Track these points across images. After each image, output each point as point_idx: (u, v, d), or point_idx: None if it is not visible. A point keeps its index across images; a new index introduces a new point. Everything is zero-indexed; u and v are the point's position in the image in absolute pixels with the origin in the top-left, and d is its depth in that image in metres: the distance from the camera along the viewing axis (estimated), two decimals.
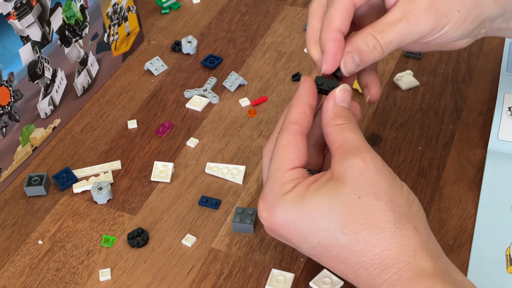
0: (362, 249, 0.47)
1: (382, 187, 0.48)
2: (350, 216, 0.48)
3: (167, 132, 0.73)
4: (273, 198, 0.50)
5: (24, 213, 0.66)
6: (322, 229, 0.48)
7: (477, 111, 0.72)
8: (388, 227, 0.47)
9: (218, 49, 0.84)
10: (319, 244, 0.49)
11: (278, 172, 0.51)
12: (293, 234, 0.50)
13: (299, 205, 0.49)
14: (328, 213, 0.48)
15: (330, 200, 0.48)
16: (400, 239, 0.47)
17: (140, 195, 0.66)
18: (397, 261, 0.47)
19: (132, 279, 0.59)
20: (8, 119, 0.66)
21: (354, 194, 0.48)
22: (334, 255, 0.49)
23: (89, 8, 0.74)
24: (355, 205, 0.48)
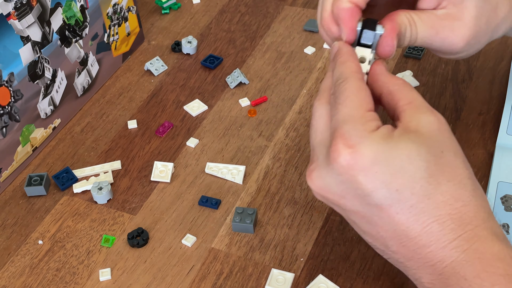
0: (443, 201, 0.46)
1: (457, 148, 0.48)
2: (436, 167, 0.47)
3: (167, 132, 0.73)
4: (359, 135, 0.46)
5: (24, 213, 0.66)
6: (407, 174, 0.46)
7: (477, 111, 0.72)
8: (469, 183, 0.47)
9: (218, 49, 0.84)
10: (398, 192, 0.46)
11: (359, 111, 0.48)
12: (372, 178, 0.46)
13: (389, 145, 0.46)
14: (417, 159, 0.46)
15: (418, 146, 0.46)
16: (478, 198, 0.47)
17: (140, 195, 0.67)
18: (474, 219, 0.46)
19: (132, 279, 0.59)
20: (8, 119, 0.66)
21: (438, 147, 0.47)
22: (409, 206, 0.46)
23: (89, 8, 0.74)
24: (439, 157, 0.47)
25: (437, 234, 0.46)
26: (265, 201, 0.65)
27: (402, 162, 0.46)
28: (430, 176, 0.46)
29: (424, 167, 0.46)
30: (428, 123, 0.48)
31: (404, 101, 0.49)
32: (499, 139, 0.66)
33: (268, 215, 0.63)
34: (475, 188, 0.48)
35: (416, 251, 0.47)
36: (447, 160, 0.47)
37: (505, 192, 0.62)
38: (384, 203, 0.47)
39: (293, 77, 0.79)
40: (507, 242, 0.47)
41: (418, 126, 0.48)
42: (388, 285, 0.57)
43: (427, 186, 0.46)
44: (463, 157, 0.48)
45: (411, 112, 0.49)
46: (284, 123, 0.73)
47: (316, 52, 0.82)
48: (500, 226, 0.50)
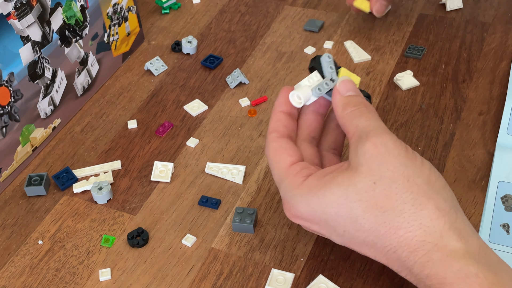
0: (386, 232, 0.48)
1: (396, 169, 0.48)
2: (368, 202, 0.48)
3: (167, 132, 0.73)
4: (290, 195, 0.51)
5: (24, 213, 0.66)
6: (343, 218, 0.49)
7: (477, 111, 0.72)
8: (406, 208, 0.47)
9: (218, 49, 0.84)
10: (346, 232, 0.50)
11: (281, 174, 0.52)
12: (321, 225, 0.51)
13: (317, 195, 0.49)
14: (346, 203, 0.48)
15: (345, 189, 0.48)
16: (422, 220, 0.47)
17: (140, 195, 0.67)
18: (423, 243, 0.46)
19: (132, 279, 0.59)
20: (8, 119, 0.66)
21: (369, 180, 0.48)
22: (362, 241, 0.49)
23: (89, 8, 0.74)
24: (371, 190, 0.48)
25: (398, 261, 0.48)
26: (265, 201, 0.64)
27: (335, 209, 0.49)
28: (365, 213, 0.48)
29: (356, 207, 0.48)
30: (362, 153, 0.49)
31: (350, 134, 0.52)
32: (499, 139, 0.66)
33: (268, 215, 0.63)
34: (417, 210, 0.47)
35: (399, 274, 0.49)
36: (379, 190, 0.48)
37: (505, 192, 0.62)
38: (344, 242, 0.51)
39: (293, 77, 0.79)
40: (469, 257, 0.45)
41: (355, 161, 0.49)
42: (388, 285, 0.57)
43: (365, 222, 0.48)
44: (402, 179, 0.47)
45: (352, 146, 0.50)
46: None
47: (316, 52, 0.82)
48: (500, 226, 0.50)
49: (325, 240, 0.60)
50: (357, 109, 0.52)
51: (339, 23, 0.86)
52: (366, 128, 0.50)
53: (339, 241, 0.51)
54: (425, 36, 0.83)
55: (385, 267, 0.57)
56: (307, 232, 0.61)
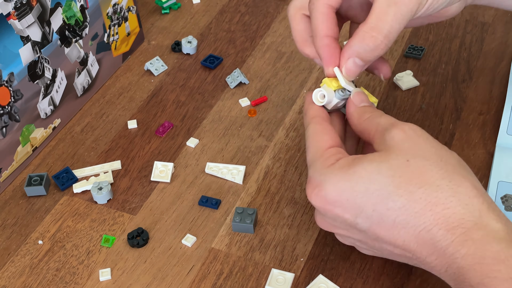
0: (421, 209, 0.46)
1: (428, 149, 0.48)
2: (401, 178, 0.46)
3: (167, 132, 0.73)
4: (319, 174, 0.49)
5: (24, 213, 0.66)
6: (375, 194, 0.47)
7: (477, 111, 0.72)
8: (444, 184, 0.46)
9: (218, 49, 0.84)
10: (375, 212, 0.47)
11: (317, 153, 0.51)
12: (347, 207, 0.48)
13: (348, 173, 0.48)
14: (378, 177, 0.47)
15: (378, 165, 0.47)
16: (460, 196, 0.45)
17: (140, 195, 0.67)
18: (462, 221, 0.45)
19: (132, 279, 0.59)
20: (8, 119, 0.66)
21: (402, 158, 0.47)
22: (392, 222, 0.47)
23: (89, 8, 0.74)
24: (405, 167, 0.47)
25: (431, 242, 0.46)
26: (265, 201, 0.64)
27: (365, 184, 0.47)
28: (398, 188, 0.46)
29: (389, 182, 0.47)
30: (391, 138, 0.49)
31: (372, 132, 0.51)
32: (499, 139, 0.66)
33: (268, 215, 0.63)
34: (454, 187, 0.46)
35: (426, 261, 0.47)
36: (413, 167, 0.47)
37: (505, 191, 0.62)
38: (370, 226, 0.48)
39: (293, 77, 0.79)
40: (509, 239, 0.44)
41: (384, 146, 0.49)
42: (388, 285, 0.57)
43: (398, 198, 0.46)
44: (435, 158, 0.47)
45: (378, 137, 0.50)
46: (284, 123, 0.73)
47: None
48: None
49: (325, 240, 0.60)
50: (375, 113, 0.52)
51: None
52: (390, 121, 0.51)
53: (365, 225, 0.48)
54: (425, 36, 0.83)
55: (385, 267, 0.57)
56: (307, 232, 0.61)
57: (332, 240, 0.60)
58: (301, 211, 0.63)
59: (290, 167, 0.68)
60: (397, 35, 0.52)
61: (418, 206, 0.46)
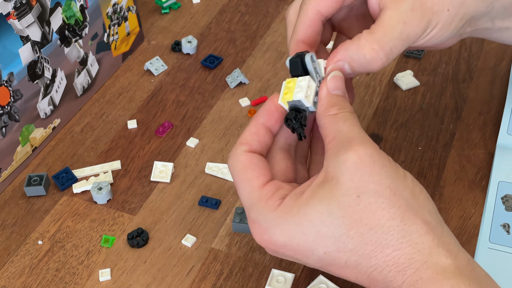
0: (371, 251, 0.45)
1: (381, 181, 0.45)
2: (352, 218, 0.45)
3: (167, 132, 0.73)
4: (265, 220, 0.46)
5: (24, 213, 0.66)
6: (326, 237, 0.45)
7: (477, 111, 0.72)
8: (395, 224, 0.44)
9: (218, 49, 0.84)
10: (326, 254, 0.46)
11: (252, 196, 0.47)
12: (298, 250, 0.47)
13: (296, 216, 0.46)
14: (329, 219, 0.45)
15: (328, 204, 0.45)
16: (410, 236, 0.44)
17: (140, 195, 0.66)
18: (412, 261, 0.44)
19: (132, 279, 0.59)
20: (8, 119, 0.66)
21: (352, 193, 0.45)
22: (344, 263, 0.46)
23: (89, 8, 0.74)
24: (355, 205, 0.44)
25: (383, 283, 0.45)
26: None
27: (316, 226, 0.45)
28: (349, 230, 0.45)
29: (340, 224, 0.45)
30: (343, 163, 0.45)
31: (329, 138, 0.47)
32: (499, 139, 0.66)
33: None
34: (405, 227, 0.44)
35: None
36: (365, 205, 0.44)
37: (506, 192, 0.62)
38: (322, 265, 0.47)
39: None
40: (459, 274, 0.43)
41: (334, 170, 0.45)
42: None
43: (349, 240, 0.45)
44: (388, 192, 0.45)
45: (331, 153, 0.46)
46: None
47: None
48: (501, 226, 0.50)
49: None
50: (342, 113, 0.48)
51: None
52: (349, 134, 0.46)
53: (317, 265, 0.47)
54: None
55: None
56: None
57: None
58: None
59: None
60: (395, 57, 0.50)
61: (368, 248, 0.45)
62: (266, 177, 0.48)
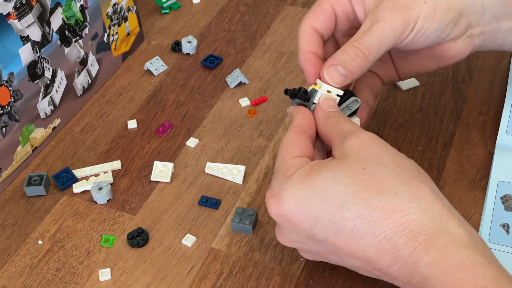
0: (379, 217, 0.44)
1: (385, 157, 0.47)
2: (357, 186, 0.45)
3: (167, 132, 0.73)
4: (278, 184, 0.49)
5: (24, 213, 0.66)
6: (331, 203, 0.46)
7: (477, 111, 0.72)
8: (402, 189, 0.45)
9: (218, 49, 0.84)
10: (331, 222, 0.46)
11: (283, 162, 0.50)
12: (303, 217, 0.47)
13: (304, 183, 0.47)
14: (333, 185, 0.46)
15: (334, 172, 0.46)
16: (419, 202, 0.44)
17: (140, 195, 0.66)
18: (423, 227, 0.43)
19: (132, 279, 0.59)
20: (8, 119, 0.66)
21: (358, 166, 0.46)
22: (350, 232, 0.45)
23: (89, 8, 0.74)
24: (361, 174, 0.46)
25: (392, 252, 0.44)
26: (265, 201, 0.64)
27: (321, 193, 0.46)
28: (354, 197, 0.45)
29: (344, 190, 0.46)
30: (349, 146, 0.48)
31: (333, 138, 0.51)
32: (499, 138, 0.66)
33: (268, 215, 0.63)
34: (413, 192, 0.45)
35: (388, 272, 0.46)
36: (369, 175, 0.46)
37: (505, 191, 0.62)
38: (328, 236, 0.47)
39: (293, 77, 0.79)
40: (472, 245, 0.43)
41: (341, 153, 0.49)
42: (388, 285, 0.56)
43: (354, 207, 0.45)
44: (392, 165, 0.46)
45: (338, 144, 0.50)
46: (284, 123, 0.73)
47: None
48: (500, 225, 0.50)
49: None
50: (340, 119, 0.52)
51: None
52: (351, 129, 0.50)
53: (323, 236, 0.47)
54: None
55: None
56: None
57: None
58: None
59: None
60: (379, 52, 0.54)
61: (376, 214, 0.45)
62: (301, 152, 0.51)
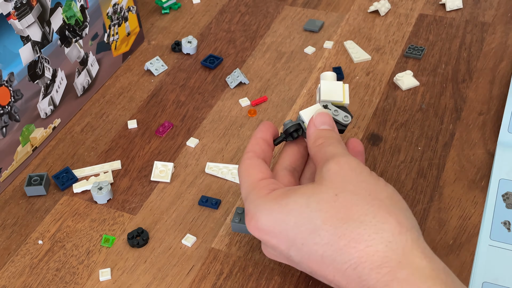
0: (345, 245, 0.46)
1: (358, 184, 0.48)
2: (328, 213, 0.47)
3: (167, 132, 0.73)
4: (254, 205, 0.51)
5: (24, 213, 0.66)
6: (303, 227, 0.48)
7: (477, 111, 0.72)
8: (367, 220, 0.46)
9: (218, 49, 0.84)
10: (304, 246, 0.48)
11: (249, 186, 0.52)
12: (280, 238, 0.49)
13: (280, 204, 0.49)
14: (307, 211, 0.48)
15: (307, 198, 0.48)
16: (383, 233, 0.45)
17: (140, 195, 0.67)
18: (386, 259, 0.44)
19: (132, 279, 0.59)
20: (8, 119, 0.66)
21: (331, 192, 0.48)
22: (320, 257, 0.47)
23: (89, 8, 0.74)
24: (333, 201, 0.47)
25: (358, 281, 0.45)
26: None
27: (295, 217, 0.48)
28: (324, 223, 0.47)
29: (316, 216, 0.47)
30: (326, 170, 0.50)
31: (318, 160, 0.53)
32: (500, 137, 0.66)
33: None
34: (378, 223, 0.46)
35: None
36: (340, 201, 0.47)
37: (507, 189, 0.62)
38: (302, 259, 0.49)
39: (293, 77, 0.79)
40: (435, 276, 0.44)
41: (319, 177, 0.50)
42: None
43: (324, 233, 0.47)
44: (364, 193, 0.47)
45: (319, 167, 0.51)
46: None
47: (316, 52, 0.82)
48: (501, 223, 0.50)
49: None
50: (327, 141, 0.53)
51: (339, 23, 0.86)
52: (333, 152, 0.51)
53: (298, 258, 0.49)
54: (425, 36, 0.83)
55: None
56: None
57: None
58: None
59: None
60: None
61: (342, 242, 0.46)
62: (264, 174, 0.53)
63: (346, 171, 0.49)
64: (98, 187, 0.65)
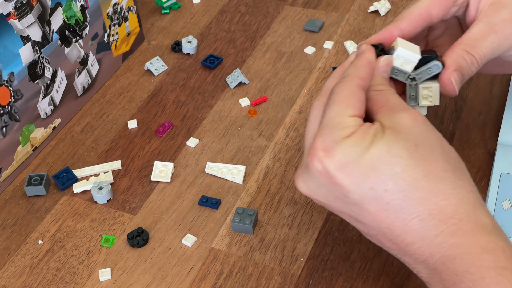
0: (421, 197, 0.46)
1: (434, 140, 0.48)
2: (409, 161, 0.46)
3: (167, 132, 0.73)
4: (333, 140, 0.48)
5: (24, 213, 0.66)
6: (379, 172, 0.46)
7: (477, 111, 0.72)
8: (447, 176, 0.46)
9: (218, 49, 0.84)
10: (372, 190, 0.46)
11: (340, 116, 0.49)
12: (346, 180, 0.47)
13: (359, 148, 0.47)
14: (387, 156, 0.46)
15: (389, 144, 0.47)
16: (460, 189, 0.46)
17: (140, 195, 0.67)
18: (456, 212, 0.46)
19: (132, 279, 0.59)
20: (8, 119, 0.66)
21: (412, 141, 0.47)
22: (386, 204, 0.46)
23: (89, 8, 0.74)
24: (413, 151, 0.47)
25: (420, 231, 0.46)
26: (265, 201, 0.65)
27: (373, 161, 0.47)
28: (404, 172, 0.46)
29: (396, 163, 0.46)
30: (400, 119, 0.48)
31: (379, 105, 0.51)
32: (500, 137, 0.66)
33: (268, 215, 0.63)
34: (455, 180, 0.47)
35: (405, 248, 0.47)
36: (421, 154, 0.47)
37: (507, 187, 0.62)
38: (362, 202, 0.47)
39: (293, 77, 0.79)
40: (496, 233, 0.46)
41: (392, 123, 0.48)
42: (388, 285, 0.57)
43: (401, 182, 0.46)
44: (440, 150, 0.48)
45: (385, 112, 0.50)
46: (284, 123, 0.73)
47: (316, 52, 0.82)
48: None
49: (325, 240, 0.60)
50: (388, 90, 0.52)
51: (339, 23, 0.86)
52: (400, 103, 0.50)
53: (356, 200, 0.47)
54: None
55: (385, 267, 0.57)
56: (307, 232, 0.61)
57: (332, 240, 0.60)
58: (301, 211, 0.63)
59: (290, 167, 0.68)
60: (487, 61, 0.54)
61: (418, 193, 0.46)
62: (358, 112, 0.50)
63: (422, 125, 0.48)
64: (98, 187, 0.65)
